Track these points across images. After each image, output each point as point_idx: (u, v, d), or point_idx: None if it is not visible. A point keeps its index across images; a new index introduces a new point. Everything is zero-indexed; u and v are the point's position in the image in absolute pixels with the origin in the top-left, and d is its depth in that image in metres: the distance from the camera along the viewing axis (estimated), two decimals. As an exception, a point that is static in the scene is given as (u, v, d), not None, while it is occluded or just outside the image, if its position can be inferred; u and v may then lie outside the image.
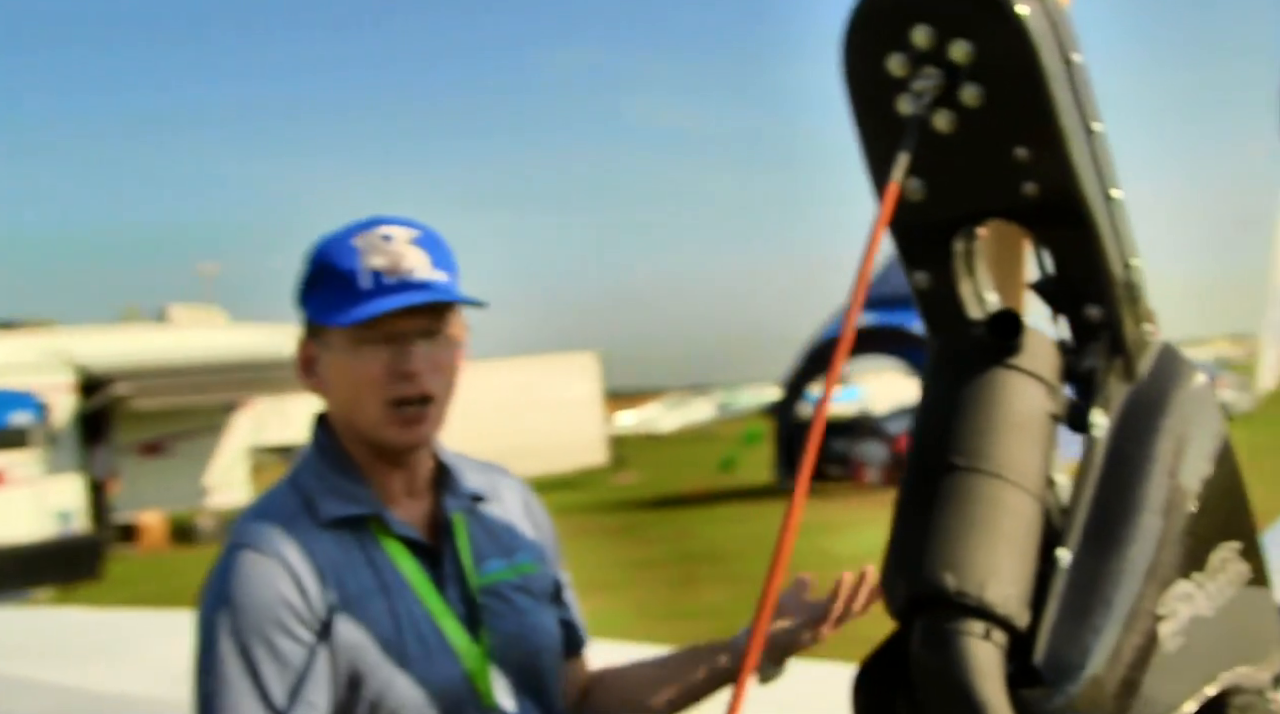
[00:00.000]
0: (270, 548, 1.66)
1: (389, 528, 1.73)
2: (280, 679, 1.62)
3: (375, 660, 1.65)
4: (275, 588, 1.64)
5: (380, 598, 1.68)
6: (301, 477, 1.78)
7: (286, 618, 1.63)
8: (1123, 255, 1.29)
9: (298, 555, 1.66)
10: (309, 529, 1.69)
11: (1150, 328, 1.33)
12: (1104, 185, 1.27)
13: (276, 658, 1.62)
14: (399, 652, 1.66)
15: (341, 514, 1.72)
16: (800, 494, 1.07)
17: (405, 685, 1.65)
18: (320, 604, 1.64)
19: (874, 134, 1.31)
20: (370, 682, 1.64)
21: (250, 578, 1.65)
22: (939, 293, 1.39)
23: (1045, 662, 1.15)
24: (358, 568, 1.69)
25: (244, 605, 1.63)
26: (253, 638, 1.62)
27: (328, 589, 1.65)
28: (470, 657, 1.72)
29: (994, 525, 1.17)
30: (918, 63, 1.24)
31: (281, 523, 1.70)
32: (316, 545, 1.68)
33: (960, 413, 1.24)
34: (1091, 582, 1.18)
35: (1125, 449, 1.26)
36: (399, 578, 1.71)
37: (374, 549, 1.72)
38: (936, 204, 1.32)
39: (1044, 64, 1.19)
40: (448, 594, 1.74)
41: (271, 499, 1.77)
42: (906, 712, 1.25)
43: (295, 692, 1.62)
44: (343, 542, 1.70)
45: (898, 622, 1.22)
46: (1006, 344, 1.26)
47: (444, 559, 1.77)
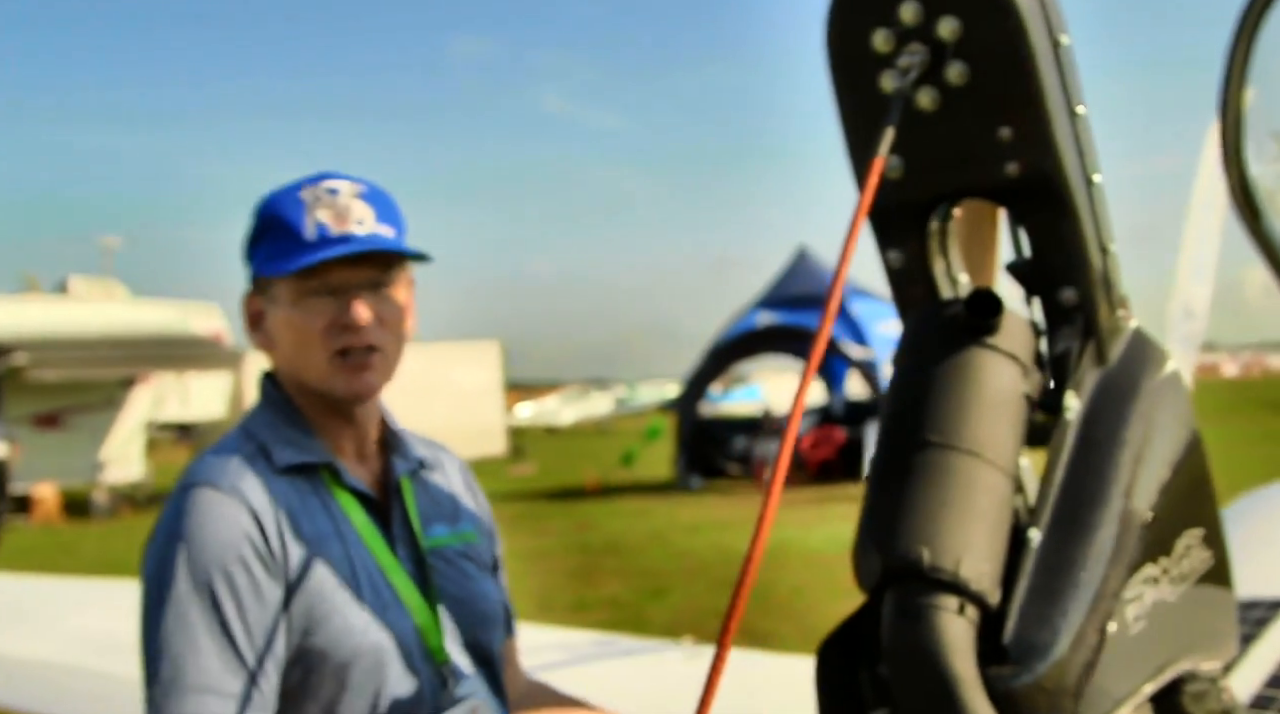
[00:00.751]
0: (229, 485, 1.64)
1: (341, 479, 1.73)
2: (240, 617, 1.59)
3: (331, 605, 1.63)
4: (237, 524, 1.61)
5: (336, 544, 1.68)
6: (253, 426, 1.76)
7: (248, 554, 1.60)
8: (1100, 240, 1.30)
9: (258, 494, 1.64)
10: (266, 472, 1.68)
11: (1123, 313, 1.34)
12: (1085, 169, 1.27)
13: (237, 595, 1.59)
14: (355, 598, 1.65)
15: (297, 461, 1.71)
16: (775, 493, 1.08)
17: (360, 632, 1.64)
18: (279, 544, 1.62)
19: (855, 111, 1.30)
20: (326, 626, 1.63)
21: (210, 514, 1.61)
22: (911, 272, 1.39)
23: (1013, 641, 1.15)
24: (314, 514, 1.68)
25: (204, 541, 1.60)
26: (214, 574, 1.59)
27: (286, 531, 1.64)
28: (420, 612, 1.72)
29: (969, 502, 1.17)
30: (903, 39, 1.23)
31: (238, 464, 1.67)
32: (274, 487, 1.67)
33: (936, 391, 1.23)
34: (1060, 563, 1.19)
35: (1096, 433, 1.26)
36: (351, 529, 1.71)
37: (328, 498, 1.72)
38: (914, 182, 1.31)
39: (1032, 44, 1.19)
40: (398, 552, 1.74)
41: (225, 444, 1.73)
42: (870, 686, 1.25)
43: (255, 630, 1.59)
44: (298, 488, 1.69)
45: (868, 595, 1.21)
46: (984, 323, 1.25)
47: (393, 518, 1.77)
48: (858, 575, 1.21)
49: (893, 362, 1.33)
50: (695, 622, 8.57)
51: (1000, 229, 1.49)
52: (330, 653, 1.63)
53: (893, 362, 1.33)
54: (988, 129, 1.24)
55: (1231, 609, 1.39)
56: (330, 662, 1.63)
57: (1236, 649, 1.41)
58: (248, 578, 1.60)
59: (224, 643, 1.57)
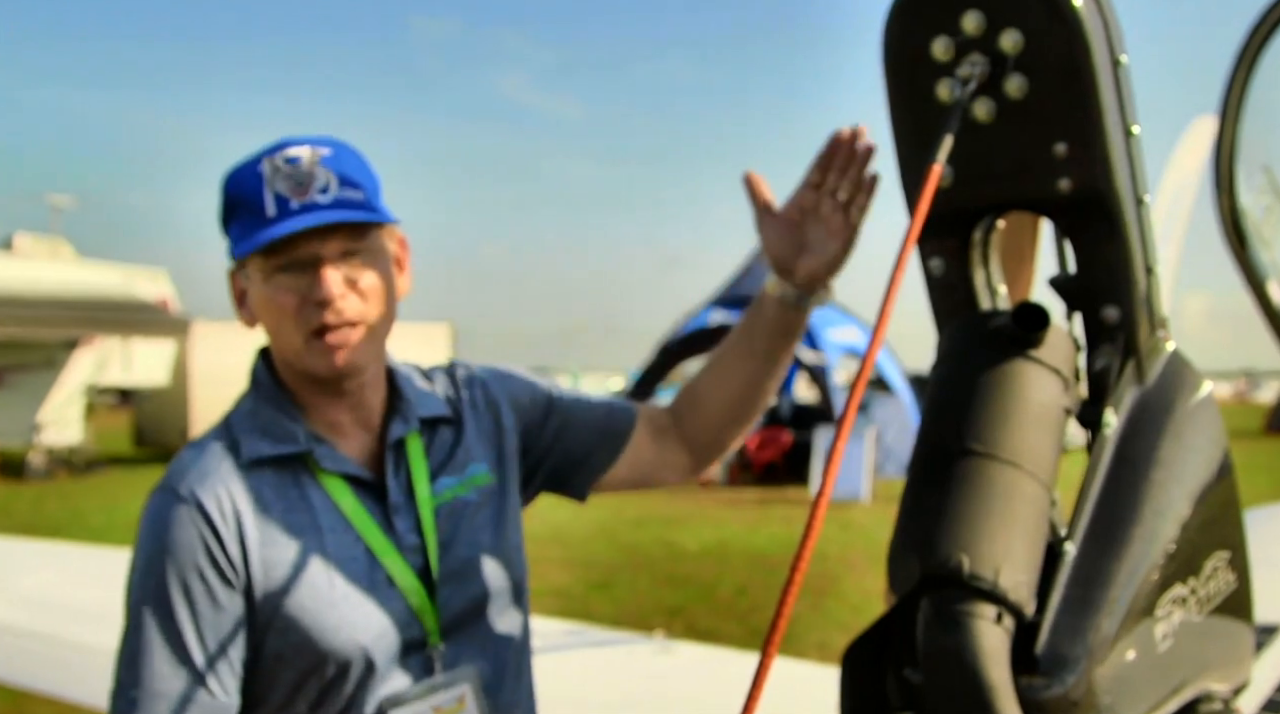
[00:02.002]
0: (189, 491, 1.60)
1: (322, 465, 1.67)
2: (194, 623, 1.57)
3: (301, 603, 1.60)
4: (190, 532, 1.58)
5: (310, 537, 1.63)
6: (235, 416, 1.72)
7: (203, 562, 1.58)
8: (1146, 260, 1.31)
9: (217, 498, 1.60)
10: (233, 471, 1.63)
11: (1163, 334, 1.35)
12: (1137, 189, 1.28)
13: (192, 602, 1.57)
14: (329, 592, 1.61)
15: (268, 454, 1.65)
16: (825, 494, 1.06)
17: (333, 630, 1.60)
18: (237, 549, 1.59)
19: (908, 116, 1.31)
20: (297, 625, 1.60)
21: (167, 522, 1.60)
22: (951, 281, 1.39)
23: (1045, 652, 1.16)
24: (287, 508, 1.64)
25: (159, 550, 1.59)
26: (170, 582, 1.58)
27: (249, 532, 1.60)
28: (414, 593, 1.67)
29: (1009, 512, 1.17)
30: (964, 49, 1.23)
31: (207, 464, 1.64)
32: (240, 487, 1.62)
33: (979, 400, 1.23)
34: (1095, 577, 1.19)
35: (1132, 450, 1.27)
36: (337, 516, 1.66)
37: (310, 487, 1.66)
38: (963, 192, 1.32)
39: (1094, 62, 1.19)
40: (396, 526, 1.69)
41: (203, 439, 1.70)
42: (896, 691, 1.25)
43: (209, 637, 1.58)
44: (272, 482, 1.65)
45: (903, 600, 1.20)
46: (1030, 336, 1.26)
47: (390, 489, 1.71)
48: (891, 579, 1.21)
49: (931, 369, 1.33)
50: (640, 616, 8.58)
51: (1040, 243, 1.50)
52: (302, 652, 1.60)
53: (931, 369, 1.33)
54: (1043, 143, 1.25)
55: (1250, 633, 1.40)
56: (303, 661, 1.61)
57: (1250, 672, 1.42)
58: (203, 586, 1.58)
59: (177, 649, 1.57)
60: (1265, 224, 1.80)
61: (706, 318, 21.55)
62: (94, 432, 23.15)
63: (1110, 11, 1.23)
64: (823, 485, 1.06)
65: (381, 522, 1.68)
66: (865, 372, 1.14)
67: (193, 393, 23.46)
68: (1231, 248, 1.79)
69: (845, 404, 1.10)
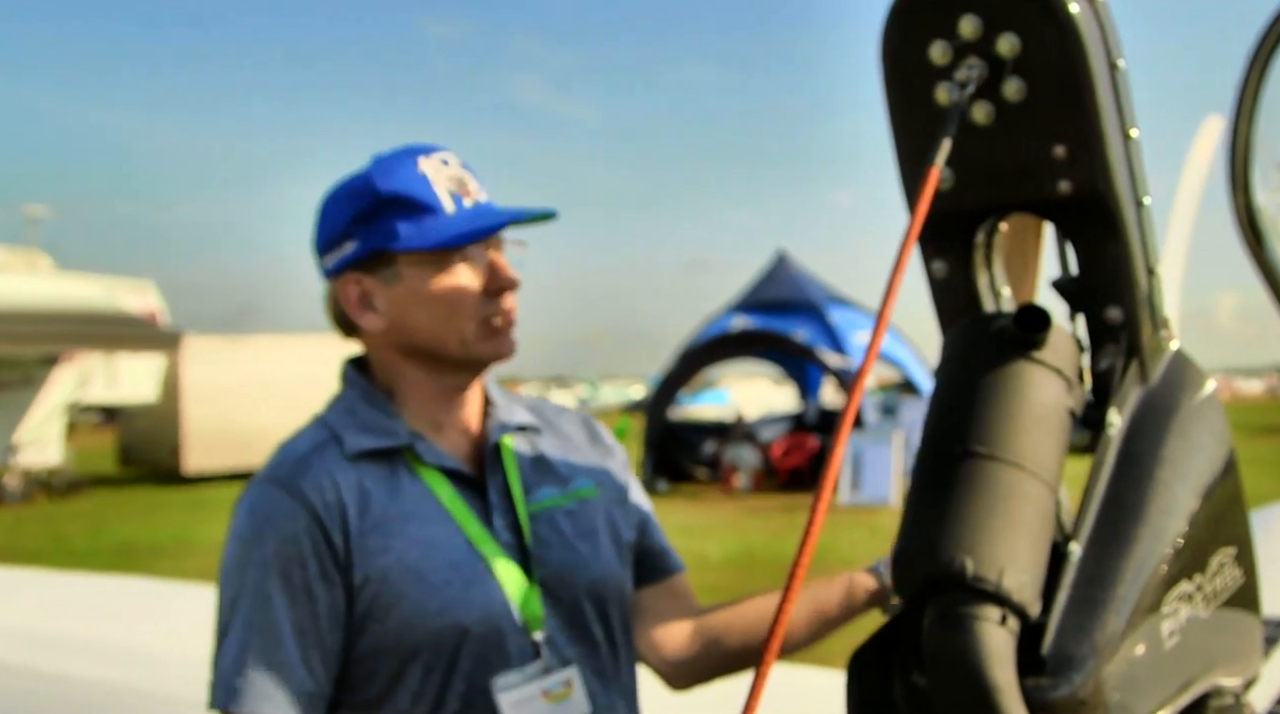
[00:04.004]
0: (292, 482, 1.72)
1: (423, 458, 1.79)
2: (291, 615, 1.68)
3: (398, 591, 1.70)
4: (293, 523, 1.70)
5: (411, 526, 1.74)
6: (330, 415, 1.84)
7: (305, 553, 1.69)
8: (1147, 261, 1.36)
9: (319, 489, 1.72)
10: (335, 462, 1.75)
11: (1166, 333, 1.41)
12: (1136, 191, 1.33)
13: (291, 594, 1.68)
14: (427, 581, 1.71)
15: (370, 446, 1.78)
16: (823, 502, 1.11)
17: (435, 614, 1.71)
18: (340, 539, 1.70)
19: (907, 120, 1.36)
20: (394, 612, 1.70)
21: (269, 514, 1.71)
22: (954, 283, 1.45)
23: (1051, 652, 1.20)
24: (385, 499, 1.75)
25: (260, 541, 1.70)
26: (269, 572, 1.69)
27: (352, 522, 1.71)
28: (513, 584, 1.77)
29: (1013, 514, 1.21)
30: (961, 52, 1.28)
31: (309, 457, 1.76)
32: (341, 478, 1.74)
33: (982, 402, 1.28)
34: (1100, 577, 1.24)
35: (1137, 450, 1.33)
36: (436, 507, 1.78)
37: (409, 480, 1.78)
38: (964, 195, 1.37)
39: (1091, 65, 1.24)
40: (494, 523, 1.81)
41: (300, 435, 1.82)
42: (903, 696, 1.29)
43: (307, 629, 1.69)
44: (371, 474, 1.76)
45: (908, 603, 1.25)
46: (1033, 338, 1.30)
47: (489, 488, 1.83)
48: (897, 583, 1.25)
49: (935, 371, 1.38)
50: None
51: (1043, 245, 1.55)
52: (404, 639, 1.70)
53: (935, 371, 1.38)
54: (1042, 146, 1.30)
55: (1258, 627, 1.45)
56: (404, 647, 1.71)
57: (1260, 666, 1.46)
58: (303, 576, 1.69)
59: (275, 640, 1.68)
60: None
61: (728, 323, 21.61)
62: (76, 451, 23.23)
63: (1107, 16, 1.28)
64: (820, 489, 1.10)
65: (480, 515, 1.80)
66: (864, 373, 1.19)
67: (185, 409, 23.54)
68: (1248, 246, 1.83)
69: (844, 407, 1.15)
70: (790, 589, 1.08)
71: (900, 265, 1.19)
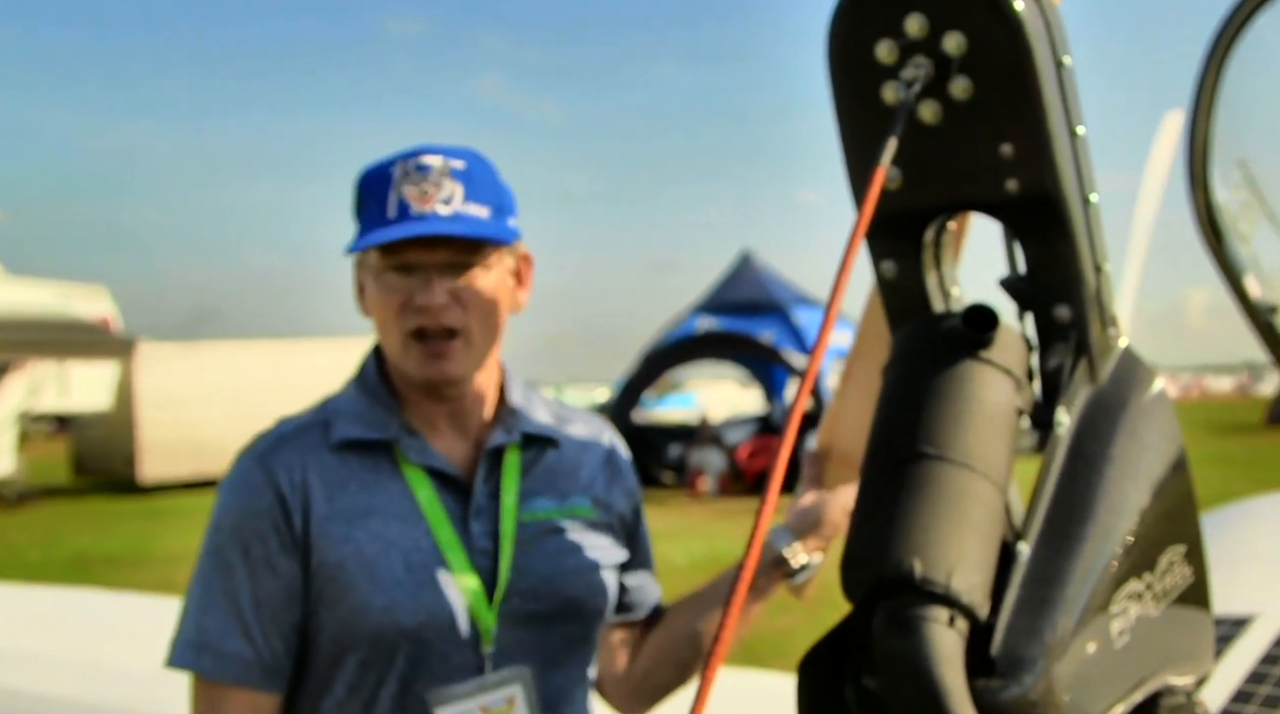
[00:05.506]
0: (265, 459, 1.80)
1: (408, 456, 1.82)
2: (251, 586, 1.75)
3: (352, 580, 1.74)
4: (258, 498, 1.77)
5: (376, 520, 1.77)
6: (334, 399, 1.90)
7: (265, 528, 1.76)
8: (1095, 259, 1.37)
9: (288, 469, 1.78)
10: (316, 446, 1.81)
11: (1114, 331, 1.41)
12: (1083, 189, 1.34)
13: (251, 565, 1.76)
14: (377, 578, 1.74)
15: (356, 436, 1.82)
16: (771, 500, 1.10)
17: (383, 608, 1.73)
18: (300, 520, 1.76)
19: (855, 120, 1.36)
20: (343, 601, 1.74)
21: (240, 485, 1.80)
22: (904, 284, 1.45)
23: (1001, 653, 1.20)
24: (358, 490, 1.79)
25: (230, 510, 1.79)
26: (232, 542, 1.77)
27: (315, 506, 1.76)
28: (471, 592, 1.78)
29: (962, 515, 1.22)
30: (908, 51, 1.28)
31: (291, 437, 1.83)
32: (313, 461, 1.79)
33: (931, 402, 1.28)
34: (1049, 577, 1.24)
35: (1086, 449, 1.33)
36: (410, 506, 1.80)
37: (389, 475, 1.82)
38: (912, 194, 1.37)
39: (1037, 63, 1.25)
40: (471, 527, 1.82)
41: (299, 416, 1.88)
42: (854, 700, 1.29)
43: (264, 600, 1.75)
44: (351, 463, 1.81)
45: (858, 606, 1.25)
46: (981, 337, 1.31)
47: (474, 492, 1.84)
48: (846, 585, 1.26)
49: (884, 372, 1.38)
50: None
51: (964, 241, 1.56)
52: (348, 629, 1.74)
53: (884, 372, 1.38)
54: (989, 145, 1.30)
55: (1209, 625, 1.46)
56: (346, 637, 1.75)
57: (1212, 664, 1.48)
58: (263, 551, 1.75)
59: (232, 608, 1.75)
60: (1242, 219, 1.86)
61: (694, 325, 21.59)
62: (28, 461, 22.96)
63: (1053, 14, 1.29)
64: (765, 492, 1.10)
65: (457, 520, 1.82)
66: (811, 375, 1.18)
67: (139, 416, 23.28)
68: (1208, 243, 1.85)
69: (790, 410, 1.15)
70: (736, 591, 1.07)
71: (846, 266, 1.19)
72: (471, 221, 1.78)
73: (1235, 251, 1.85)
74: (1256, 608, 2.59)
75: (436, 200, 1.77)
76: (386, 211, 1.77)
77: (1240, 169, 1.87)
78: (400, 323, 1.79)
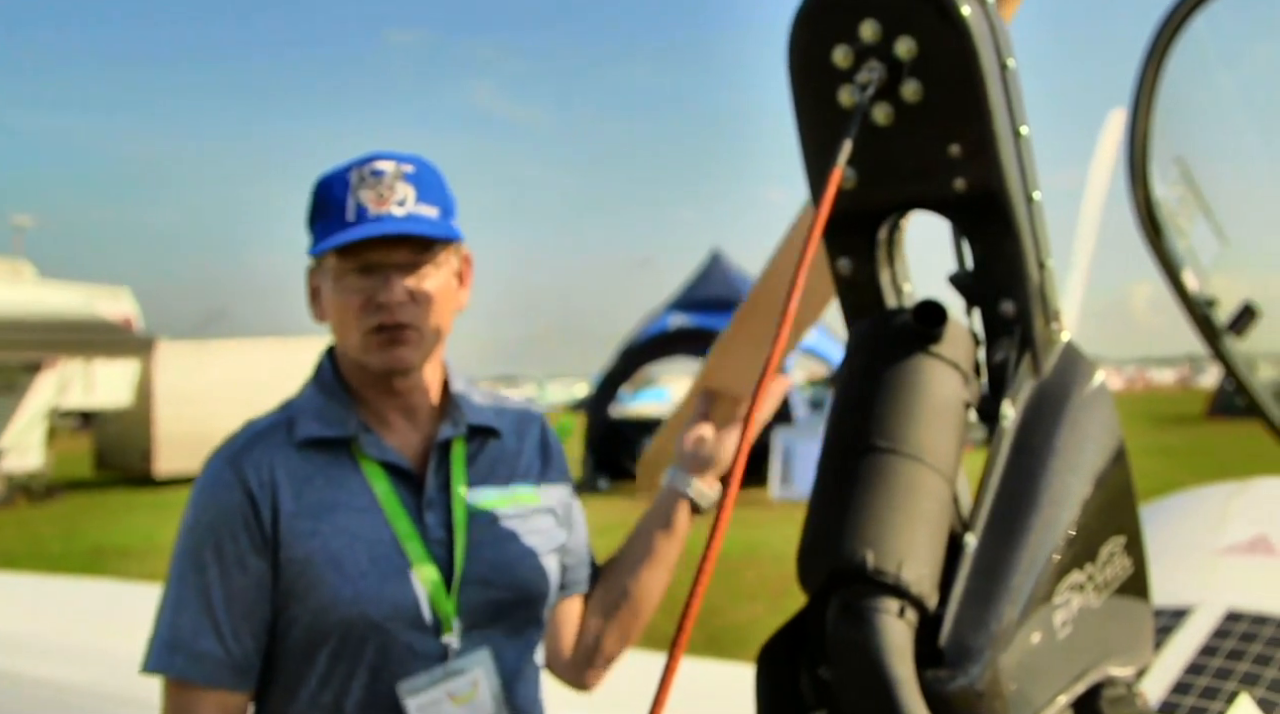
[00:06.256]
0: (235, 459, 1.77)
1: (365, 451, 1.80)
2: (223, 584, 1.71)
3: (318, 576, 1.71)
4: (228, 497, 1.73)
5: (341, 515, 1.75)
6: (296, 401, 1.88)
7: (236, 527, 1.72)
8: (1038, 255, 1.34)
9: (257, 468, 1.75)
10: (282, 445, 1.79)
11: (1057, 326, 1.38)
12: (1027, 187, 1.31)
13: (223, 563, 1.72)
14: (344, 570, 1.71)
15: (317, 434, 1.80)
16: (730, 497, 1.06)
17: (351, 599, 1.71)
18: (269, 516, 1.73)
19: (813, 122, 1.33)
20: (312, 595, 1.71)
21: (212, 485, 1.76)
22: (859, 280, 1.42)
23: (949, 644, 1.17)
24: (323, 485, 1.77)
25: (202, 509, 1.75)
26: (205, 542, 1.73)
27: (284, 503, 1.73)
28: (432, 582, 1.76)
29: (912, 507, 1.19)
30: (863, 56, 1.26)
31: (258, 438, 1.80)
32: (280, 460, 1.77)
33: (883, 396, 1.26)
34: (995, 568, 1.21)
35: (1030, 441, 1.29)
36: (370, 499, 1.78)
37: (350, 470, 1.79)
38: (867, 193, 1.35)
39: (982, 66, 1.22)
40: (426, 519, 1.80)
41: (264, 417, 1.86)
42: (810, 688, 1.25)
43: (235, 599, 1.71)
44: (318, 462, 1.78)
45: (813, 597, 1.21)
46: (930, 332, 1.28)
47: (427, 485, 1.82)
48: (802, 576, 1.22)
49: (838, 367, 1.36)
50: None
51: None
52: (318, 620, 1.71)
53: (838, 367, 1.36)
54: (938, 145, 1.28)
55: (1149, 616, 1.42)
56: (316, 630, 1.72)
57: (1152, 656, 1.44)
58: (234, 549, 1.72)
59: (204, 607, 1.71)
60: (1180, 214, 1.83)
61: (667, 321, 21.59)
62: (55, 456, 22.86)
63: (997, 18, 1.27)
64: (727, 488, 1.07)
65: (413, 512, 1.80)
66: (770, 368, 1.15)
67: (156, 413, 23.20)
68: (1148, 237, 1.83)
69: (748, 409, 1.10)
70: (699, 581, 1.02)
71: (803, 263, 1.16)
72: (425, 221, 1.79)
73: (1174, 246, 1.82)
74: (1195, 599, 2.54)
75: (392, 202, 1.77)
76: (346, 216, 1.76)
77: (1178, 165, 1.84)
78: (362, 321, 1.77)
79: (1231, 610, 2.44)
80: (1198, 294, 1.83)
